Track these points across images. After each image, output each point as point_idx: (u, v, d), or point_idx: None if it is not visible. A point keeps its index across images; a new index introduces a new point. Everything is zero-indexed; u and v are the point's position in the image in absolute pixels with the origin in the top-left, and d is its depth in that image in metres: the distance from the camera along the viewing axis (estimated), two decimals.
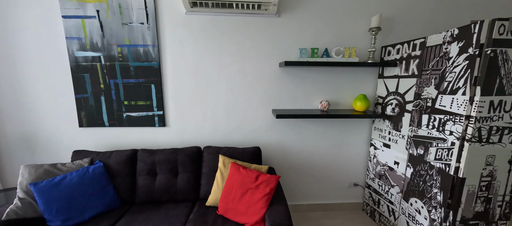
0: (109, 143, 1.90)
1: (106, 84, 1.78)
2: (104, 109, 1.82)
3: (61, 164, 1.52)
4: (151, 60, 1.77)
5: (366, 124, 2.03)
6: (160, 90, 1.82)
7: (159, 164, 1.67)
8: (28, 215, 1.28)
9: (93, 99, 1.79)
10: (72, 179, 1.43)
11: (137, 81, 1.79)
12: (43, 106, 1.79)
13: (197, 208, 1.57)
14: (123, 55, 1.74)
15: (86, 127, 1.85)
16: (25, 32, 1.66)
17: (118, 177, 1.63)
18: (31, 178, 1.37)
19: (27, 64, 1.71)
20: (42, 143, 1.85)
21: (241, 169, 1.52)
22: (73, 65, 1.72)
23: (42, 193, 1.32)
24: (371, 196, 2.05)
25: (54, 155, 1.87)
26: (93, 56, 1.72)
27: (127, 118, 1.85)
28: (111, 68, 1.75)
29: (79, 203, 1.41)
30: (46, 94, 1.77)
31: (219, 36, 1.78)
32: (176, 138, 1.95)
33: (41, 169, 1.43)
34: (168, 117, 1.90)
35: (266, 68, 1.86)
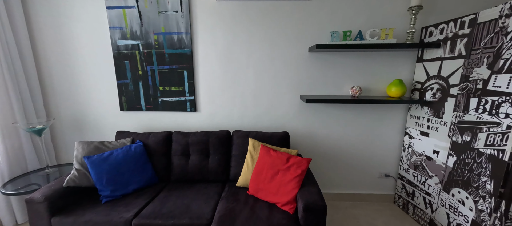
0: (145, 126, 2.05)
1: (143, 70, 1.90)
2: (142, 94, 1.96)
3: (107, 142, 1.67)
4: (184, 47, 1.85)
5: (400, 111, 1.92)
6: (192, 76, 1.91)
7: (192, 146, 1.76)
8: (83, 184, 1.45)
9: (132, 85, 1.94)
10: (118, 155, 1.57)
11: (171, 68, 1.89)
12: (91, 92, 1.98)
13: (227, 188, 1.64)
14: (159, 43, 1.84)
15: (126, 110, 2.01)
16: (77, 24, 1.84)
17: (155, 156, 1.75)
18: (84, 152, 1.53)
19: (78, 53, 1.90)
20: (89, 124, 2.05)
21: (271, 151, 1.54)
22: (115, 53, 1.87)
23: (94, 165, 1.47)
24: (404, 187, 1.95)
25: (100, 135, 2.07)
26: (132, 44, 1.85)
27: (161, 103, 1.97)
28: (148, 55, 1.87)
29: (123, 177, 1.55)
30: (93, 81, 1.96)
31: (248, 22, 1.80)
32: (206, 122, 2.03)
33: (92, 146, 1.59)
34: (199, 102, 1.98)
35: (295, 54, 1.84)
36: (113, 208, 1.37)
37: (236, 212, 1.34)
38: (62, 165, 1.97)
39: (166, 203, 1.45)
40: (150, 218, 1.31)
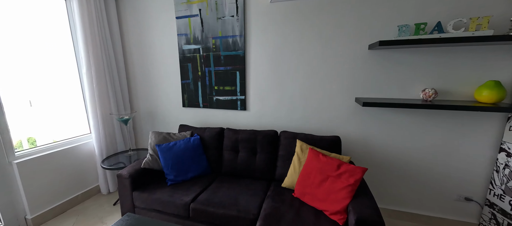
0: (201, 121, 2.28)
1: (202, 71, 2.13)
2: (200, 93, 2.19)
3: (173, 134, 1.95)
4: (238, 49, 1.97)
5: (494, 121, 1.52)
6: (243, 76, 2.01)
7: (241, 143, 1.86)
8: (154, 167, 1.74)
9: (193, 84, 2.19)
10: (180, 145, 1.82)
11: (225, 69, 2.04)
12: (161, 90, 2.35)
13: (273, 187, 1.66)
14: (216, 46, 2.02)
15: (187, 107, 2.29)
16: (153, 32, 2.21)
17: (209, 149, 1.93)
18: (156, 140, 1.84)
19: (152, 57, 2.28)
20: (159, 117, 2.44)
21: (320, 156, 1.47)
22: (181, 56, 2.16)
23: (163, 152, 1.74)
24: (494, 218, 1.53)
25: (166, 126, 2.43)
26: (194, 48, 2.09)
27: (216, 101, 2.16)
28: (206, 58, 2.08)
29: (183, 165, 1.78)
30: (162, 80, 2.31)
31: (300, 21, 1.76)
32: (254, 121, 2.11)
33: (161, 136, 1.89)
34: (249, 101, 2.08)
35: (351, 52, 1.70)
36: (176, 191, 1.60)
37: (282, 212, 1.35)
38: (139, 150, 2.41)
39: (217, 193, 1.58)
40: (204, 204, 1.46)
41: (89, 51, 1.96)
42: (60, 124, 2.25)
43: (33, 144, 2.66)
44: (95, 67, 2.01)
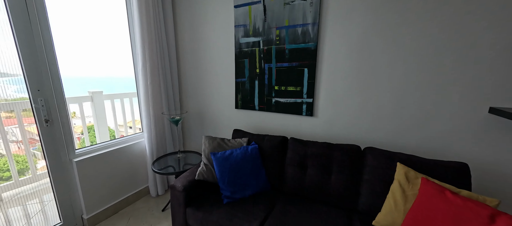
0: (255, 126, 1.98)
1: (261, 68, 1.81)
2: (257, 93, 1.89)
3: (227, 140, 1.69)
4: (308, 41, 1.59)
5: None
6: (313, 74, 1.62)
7: (310, 158, 1.48)
8: (209, 179, 1.49)
9: (249, 83, 1.90)
10: (237, 155, 1.54)
11: (290, 65, 1.69)
12: (212, 89, 2.13)
13: (359, 224, 1.24)
14: (280, 38, 1.68)
15: (240, 108, 2.02)
16: (208, 25, 1.99)
17: (269, 161, 1.61)
18: (210, 147, 1.60)
19: (206, 53, 2.07)
20: (209, 118, 2.24)
21: (448, 194, 0.99)
22: (237, 51, 1.88)
23: (219, 163, 1.49)
24: None
25: (216, 129, 2.21)
26: (253, 41, 1.79)
27: (275, 103, 1.82)
28: (267, 53, 1.76)
29: (241, 179, 1.49)
30: (215, 79, 2.09)
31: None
32: (322, 130, 1.71)
33: (215, 142, 1.64)
34: (317, 105, 1.68)
35: (490, 40, 1.15)
36: (235, 213, 1.31)
37: None
38: (187, 152, 2.25)
39: (285, 222, 1.24)
40: None
41: (145, 46, 1.84)
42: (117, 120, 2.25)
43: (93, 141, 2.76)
44: (150, 63, 1.88)
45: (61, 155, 1.54)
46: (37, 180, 2.05)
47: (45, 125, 1.44)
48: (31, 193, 2.09)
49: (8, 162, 2.20)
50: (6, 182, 2.15)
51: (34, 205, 2.08)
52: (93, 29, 1.85)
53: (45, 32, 1.39)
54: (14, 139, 2.12)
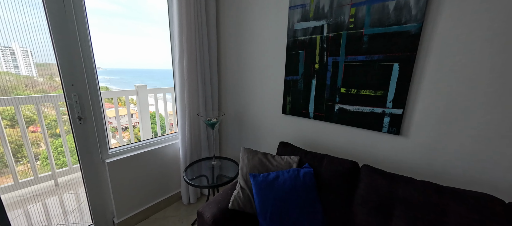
0: (308, 139, 1.52)
1: (322, 63, 1.34)
2: (313, 96, 1.42)
3: (271, 156, 1.30)
4: (406, 21, 1.03)
5: None
6: (407, 73, 1.06)
7: (401, 203, 0.95)
8: (246, 209, 1.13)
9: (303, 83, 1.45)
10: (285, 181, 1.12)
11: (370, 59, 1.16)
12: (255, 88, 1.77)
13: None
14: (357, 19, 1.16)
15: (288, 114, 1.59)
16: (255, 7, 1.62)
17: (329, 194, 1.14)
18: (249, 165, 1.23)
19: (250, 43, 1.71)
20: (249, 123, 1.89)
21: None
22: (290, 41, 1.45)
23: (259, 189, 1.10)
24: None
25: (257, 137, 1.85)
26: (314, 27, 1.33)
27: (339, 111, 1.33)
28: (333, 41, 1.27)
29: (289, 216, 1.07)
30: (259, 76, 1.71)
31: None
32: (414, 157, 1.13)
33: (256, 157, 1.27)
34: (411, 120, 1.11)
35: None
36: None
37: None
38: (223, 158, 1.96)
39: None
40: None
41: (183, 37, 1.59)
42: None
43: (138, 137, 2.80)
44: (188, 56, 1.64)
45: (94, 155, 1.43)
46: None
47: (78, 122, 1.33)
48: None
49: (64, 148, 2.34)
50: (62, 169, 2.30)
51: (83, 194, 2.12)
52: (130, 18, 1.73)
53: (81, 23, 1.26)
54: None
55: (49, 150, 2.12)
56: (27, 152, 2.01)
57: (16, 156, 2.04)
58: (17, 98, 1.86)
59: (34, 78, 1.98)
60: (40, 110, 1.95)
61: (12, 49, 1.39)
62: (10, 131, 1.99)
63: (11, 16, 1.19)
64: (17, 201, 1.97)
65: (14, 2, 1.16)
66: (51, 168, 2.16)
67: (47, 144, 2.09)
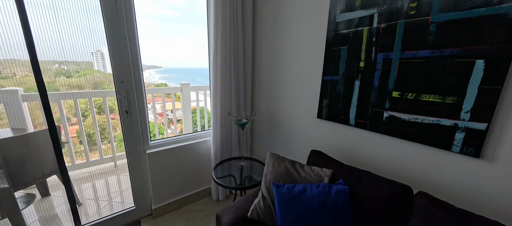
0: (347, 151, 1.31)
1: (369, 60, 1.11)
2: (355, 100, 1.21)
3: (299, 165, 1.16)
4: (501, 0, 0.73)
5: None
6: (499, 73, 0.75)
7: None
8: (266, 221, 1.04)
9: (343, 84, 1.25)
10: (312, 197, 0.98)
11: (438, 54, 0.88)
12: (289, 88, 1.63)
13: None
14: (420, 4, 0.90)
15: (324, 119, 1.40)
16: (294, 4, 1.49)
17: (367, 223, 0.93)
18: (274, 173, 1.13)
19: (286, 39, 1.59)
20: (280, 124, 1.77)
21: None
22: (330, 35, 1.27)
23: (282, 201, 0.99)
24: None
25: (288, 142, 1.72)
26: (361, 17, 1.11)
27: (388, 120, 1.07)
28: (386, 33, 1.03)
29: None
30: (293, 74, 1.58)
31: None
32: (497, 189, 0.80)
33: (282, 165, 1.15)
34: (500, 138, 0.79)
35: None
36: None
37: None
38: (252, 160, 1.91)
39: None
40: None
41: (218, 35, 1.60)
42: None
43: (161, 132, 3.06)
44: (222, 55, 1.64)
45: (137, 145, 1.60)
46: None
47: (126, 115, 1.50)
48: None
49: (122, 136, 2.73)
50: (122, 152, 2.69)
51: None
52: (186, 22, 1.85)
53: (130, 26, 1.40)
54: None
55: (112, 136, 2.52)
56: (109, 134, 2.50)
57: (100, 137, 2.51)
58: (104, 91, 2.31)
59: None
60: (107, 102, 2.33)
61: (101, 52, 1.65)
62: (98, 117, 2.47)
63: (101, 25, 1.41)
64: (89, 176, 2.41)
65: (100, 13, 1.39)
66: (112, 151, 2.57)
67: (110, 131, 2.48)
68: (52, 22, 1.30)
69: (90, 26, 1.41)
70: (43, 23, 1.25)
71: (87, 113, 2.37)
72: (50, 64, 1.76)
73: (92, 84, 2.38)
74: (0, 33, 1.24)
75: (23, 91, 1.95)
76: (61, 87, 2.10)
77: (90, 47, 1.58)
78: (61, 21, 1.36)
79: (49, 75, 1.96)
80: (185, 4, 6.98)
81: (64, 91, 2.10)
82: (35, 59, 1.19)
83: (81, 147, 2.42)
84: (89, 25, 1.41)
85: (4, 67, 1.39)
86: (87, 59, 1.72)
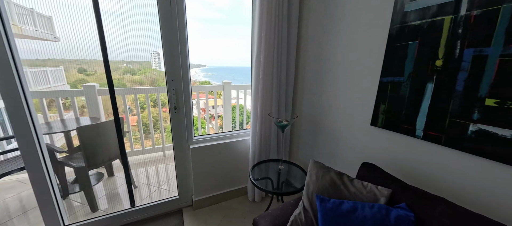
0: (408, 167, 1.08)
1: (450, 58, 0.88)
2: (425, 107, 0.98)
3: (348, 178, 1.01)
4: None
5: None
6: None
7: None
8: None
9: (410, 86, 1.03)
10: (364, 219, 0.83)
11: None
12: (337, 89, 1.47)
13: None
14: None
15: (380, 127, 1.20)
16: None
17: None
18: (318, 184, 1.02)
19: (337, 35, 1.43)
20: (324, 130, 1.62)
21: None
22: (395, 28, 1.06)
23: (327, 217, 0.88)
24: None
25: (334, 150, 1.56)
26: (441, 4, 0.89)
27: (476, 135, 0.83)
28: (480, 23, 0.79)
29: None
30: (343, 74, 1.41)
31: None
32: None
33: (328, 176, 1.03)
34: None
35: None
36: None
37: None
38: (291, 164, 1.81)
39: None
40: None
41: (262, 33, 1.56)
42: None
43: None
44: (265, 54, 1.60)
45: (182, 140, 1.70)
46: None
47: (174, 111, 1.61)
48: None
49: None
50: (169, 143, 2.97)
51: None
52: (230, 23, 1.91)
53: (182, 29, 1.49)
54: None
55: (162, 128, 2.80)
56: (160, 126, 2.81)
57: (153, 128, 2.85)
58: (158, 88, 2.62)
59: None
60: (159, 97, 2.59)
61: (158, 52, 1.85)
62: (153, 109, 2.82)
63: (158, 29, 1.57)
64: (142, 162, 2.75)
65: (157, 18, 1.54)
66: (161, 142, 2.86)
67: (161, 124, 2.76)
68: (120, 27, 1.49)
69: (149, 30, 1.57)
70: (114, 29, 1.44)
71: (145, 106, 2.69)
72: (120, 64, 2.04)
73: (150, 81, 2.72)
74: (87, 38, 1.50)
75: (99, 86, 2.34)
76: (127, 83, 2.45)
77: (149, 48, 1.77)
78: (127, 26, 1.55)
79: (119, 73, 2.31)
80: (229, 6, 7.18)
81: (128, 87, 2.43)
82: (107, 59, 1.38)
83: (138, 135, 2.78)
84: (149, 29, 1.58)
85: (90, 66, 1.69)
86: (147, 59, 1.93)
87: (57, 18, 1.52)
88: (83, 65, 1.83)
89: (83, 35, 1.50)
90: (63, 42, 1.61)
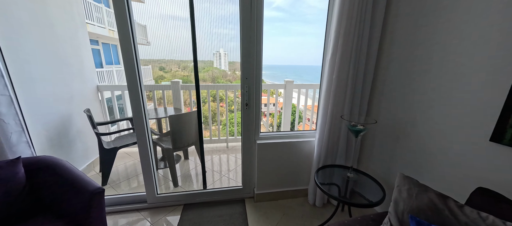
0: None
1: None
2: None
3: (456, 204, 0.83)
4: None
5: None
6: None
7: None
8: None
9: None
10: None
11: None
12: (432, 92, 1.22)
13: None
14: None
15: (507, 145, 0.92)
16: None
17: None
18: (411, 203, 0.88)
19: (437, 26, 1.19)
20: (410, 140, 1.38)
21: None
22: None
23: None
24: None
25: (419, 162, 1.31)
26: None
27: None
28: None
29: None
30: (444, 75, 1.15)
31: None
32: None
33: (425, 196, 0.87)
34: None
35: None
36: None
37: None
38: (361, 173, 1.65)
39: None
40: None
41: (341, 29, 1.46)
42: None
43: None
44: (342, 51, 1.49)
45: (250, 135, 1.80)
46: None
47: (245, 107, 1.72)
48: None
49: (234, 121, 3.25)
50: (231, 136, 3.22)
51: (239, 160, 2.83)
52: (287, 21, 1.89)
53: (258, 32, 1.56)
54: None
55: (227, 121, 3.06)
56: (217, 119, 3.10)
57: (212, 120, 3.19)
58: (217, 85, 2.90)
59: (226, 72, 3.00)
60: (226, 94, 2.85)
61: (219, 52, 2.06)
62: (212, 104, 3.16)
63: (221, 31, 1.75)
64: (209, 150, 3.09)
65: (226, 22, 1.70)
66: (225, 134, 3.13)
67: (226, 117, 3.02)
68: (189, 30, 1.66)
69: (212, 32, 1.71)
70: (185, 32, 1.63)
71: (206, 100, 3.01)
72: (189, 63, 2.35)
73: (211, 78, 3.02)
74: (171, 42, 1.77)
75: (181, 82, 2.76)
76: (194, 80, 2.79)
77: (212, 48, 1.95)
78: (197, 29, 1.71)
79: (187, 71, 2.66)
80: (288, 4, 7.04)
81: (203, 84, 2.77)
82: (196, 60, 1.60)
83: (207, 126, 3.14)
84: (212, 31, 1.73)
85: (179, 65, 2.03)
86: (210, 58, 2.14)
87: (150, 26, 1.86)
88: (162, 64, 2.22)
89: (169, 40, 1.79)
90: (153, 45, 1.97)
